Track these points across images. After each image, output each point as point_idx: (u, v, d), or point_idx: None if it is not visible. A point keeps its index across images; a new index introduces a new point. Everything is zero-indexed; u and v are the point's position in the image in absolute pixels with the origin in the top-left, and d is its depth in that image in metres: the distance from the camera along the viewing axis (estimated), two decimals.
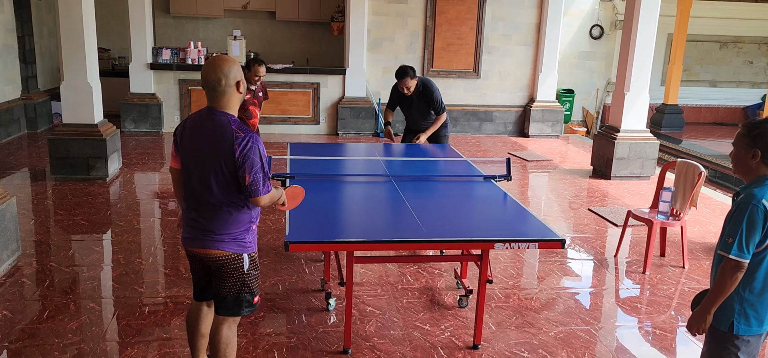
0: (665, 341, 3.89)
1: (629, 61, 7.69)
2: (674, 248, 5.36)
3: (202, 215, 2.75)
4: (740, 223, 2.31)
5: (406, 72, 5.63)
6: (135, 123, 9.76)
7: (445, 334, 3.79)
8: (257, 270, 2.90)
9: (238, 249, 2.77)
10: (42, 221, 5.62)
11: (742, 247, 2.30)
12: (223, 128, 2.63)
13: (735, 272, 2.34)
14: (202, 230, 2.75)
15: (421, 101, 5.74)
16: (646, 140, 7.87)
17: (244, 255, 2.79)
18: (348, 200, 4.17)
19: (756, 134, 2.34)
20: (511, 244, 3.23)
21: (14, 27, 9.23)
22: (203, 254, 2.80)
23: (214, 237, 2.73)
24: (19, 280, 4.34)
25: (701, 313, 2.46)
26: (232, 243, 2.75)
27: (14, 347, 3.47)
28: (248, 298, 2.85)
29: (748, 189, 2.37)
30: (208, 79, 2.65)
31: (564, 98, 11.78)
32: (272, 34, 12.15)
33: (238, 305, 2.84)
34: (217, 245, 2.74)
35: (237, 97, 2.70)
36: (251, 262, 2.83)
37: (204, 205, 2.73)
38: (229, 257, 2.76)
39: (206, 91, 2.68)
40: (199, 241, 2.77)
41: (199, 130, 2.72)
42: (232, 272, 2.78)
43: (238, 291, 2.81)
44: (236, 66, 2.70)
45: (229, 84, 2.65)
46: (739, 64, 13.80)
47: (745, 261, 2.32)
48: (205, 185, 2.69)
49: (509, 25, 10.61)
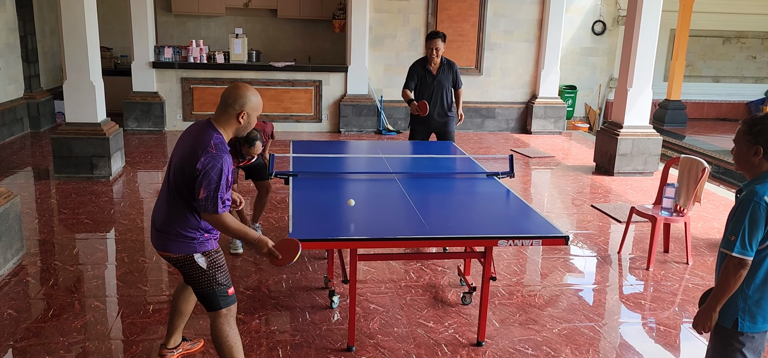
0: (669, 338, 3.89)
1: (632, 57, 7.67)
2: (678, 245, 5.35)
3: (158, 213, 2.89)
4: (743, 220, 2.30)
5: (438, 33, 5.70)
6: (137, 122, 9.77)
7: (448, 331, 3.79)
8: (221, 263, 2.92)
9: (188, 250, 2.83)
10: (46, 220, 5.63)
11: (745, 244, 2.30)
12: (203, 139, 2.72)
13: (738, 270, 2.33)
14: (157, 228, 2.89)
15: (446, 75, 5.76)
16: (649, 136, 7.86)
17: (196, 255, 2.84)
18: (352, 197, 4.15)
19: (757, 131, 2.33)
20: (514, 241, 3.22)
21: (16, 26, 9.23)
22: (161, 254, 2.94)
23: (167, 238, 2.83)
24: (24, 279, 4.35)
25: (706, 311, 2.46)
26: (182, 244, 2.82)
27: (19, 345, 3.48)
28: (221, 290, 2.89)
29: (751, 186, 2.35)
30: (223, 94, 2.82)
31: (566, 95, 11.76)
32: (274, 31, 12.15)
33: (215, 299, 2.90)
34: (169, 247, 2.84)
35: (234, 125, 2.81)
36: (208, 258, 2.87)
37: (162, 203, 2.88)
38: (182, 259, 2.85)
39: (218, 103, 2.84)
40: (154, 236, 2.92)
41: (187, 133, 2.88)
42: (192, 271, 2.86)
43: (208, 286, 2.88)
44: (248, 98, 2.79)
45: (233, 107, 2.77)
46: (742, 59, 13.76)
47: (748, 259, 2.32)
48: (167, 184, 2.85)
49: (511, 22, 10.58)
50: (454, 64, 5.88)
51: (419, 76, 5.78)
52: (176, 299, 3.28)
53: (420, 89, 5.81)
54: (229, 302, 2.92)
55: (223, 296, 2.90)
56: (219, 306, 2.90)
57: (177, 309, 3.28)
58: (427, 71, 5.75)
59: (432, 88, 5.77)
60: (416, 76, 5.78)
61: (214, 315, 2.92)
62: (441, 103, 5.82)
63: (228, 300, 2.92)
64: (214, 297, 2.88)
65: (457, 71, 5.87)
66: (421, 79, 5.77)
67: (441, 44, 5.67)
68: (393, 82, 10.39)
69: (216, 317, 2.92)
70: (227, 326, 2.93)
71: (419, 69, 5.78)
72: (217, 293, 2.88)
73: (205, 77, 9.87)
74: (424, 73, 5.75)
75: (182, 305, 3.27)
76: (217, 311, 2.91)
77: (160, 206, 2.88)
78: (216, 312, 2.91)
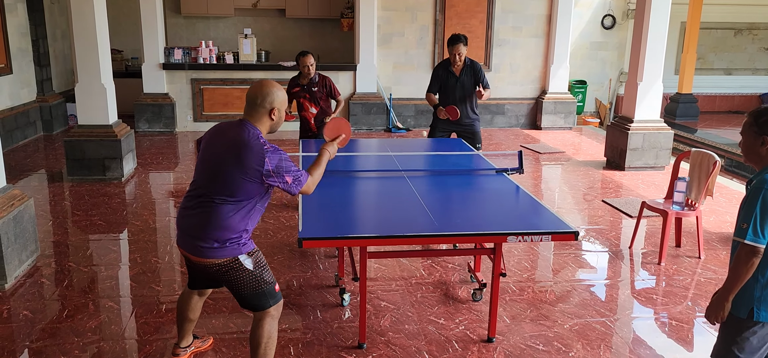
0: (682, 332, 3.87)
1: (642, 51, 7.63)
2: (690, 239, 5.32)
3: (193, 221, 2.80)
4: (754, 208, 2.31)
5: (460, 38, 5.63)
6: (148, 123, 9.84)
7: (459, 328, 3.79)
8: (264, 262, 2.92)
9: (233, 254, 2.80)
10: (60, 222, 5.70)
11: (758, 231, 2.30)
12: (250, 141, 2.73)
13: (751, 258, 2.33)
14: (194, 236, 2.79)
15: (469, 77, 5.68)
16: (660, 130, 7.81)
17: (242, 257, 2.82)
18: (361, 195, 4.18)
19: (763, 122, 2.36)
20: (524, 237, 3.22)
21: (28, 31, 9.34)
22: (200, 262, 2.85)
23: (209, 245, 2.76)
24: (39, 280, 4.41)
25: (719, 301, 2.45)
26: (227, 249, 2.78)
27: (35, 346, 3.53)
28: (269, 289, 2.88)
29: (760, 175, 2.37)
30: (249, 94, 2.84)
31: (576, 89, 11.70)
32: (282, 31, 12.19)
33: (263, 299, 2.88)
34: (212, 254, 2.77)
35: (267, 122, 2.85)
36: (253, 258, 2.86)
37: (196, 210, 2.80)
38: (227, 264, 2.80)
39: (245, 104, 2.86)
40: (190, 246, 2.83)
41: (220, 135, 2.85)
42: (238, 274, 2.81)
43: (257, 287, 2.85)
44: (275, 94, 2.83)
45: (263, 106, 2.81)
46: (754, 51, 13.61)
47: (760, 246, 2.31)
48: (204, 189, 2.79)
49: (519, 17, 10.55)
50: (477, 63, 5.76)
51: (442, 79, 5.74)
52: (183, 308, 3.23)
53: (444, 92, 5.76)
54: (277, 299, 2.92)
55: (272, 294, 2.89)
56: (268, 305, 2.89)
57: (185, 317, 3.25)
58: (449, 73, 5.70)
59: (455, 91, 5.72)
60: (440, 79, 5.76)
61: (262, 315, 2.89)
62: (466, 104, 5.73)
63: (276, 298, 2.91)
64: (263, 297, 2.87)
65: (481, 71, 5.72)
66: (444, 82, 5.73)
67: (463, 48, 5.61)
68: (402, 79, 10.40)
69: (263, 317, 2.89)
70: (272, 327, 2.92)
71: (442, 72, 5.74)
72: (266, 292, 2.86)
73: (214, 78, 9.93)
74: (447, 75, 5.70)
75: (190, 313, 3.24)
76: (265, 311, 2.89)
77: (195, 214, 2.80)
78: (264, 312, 2.89)
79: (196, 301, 3.24)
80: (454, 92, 5.71)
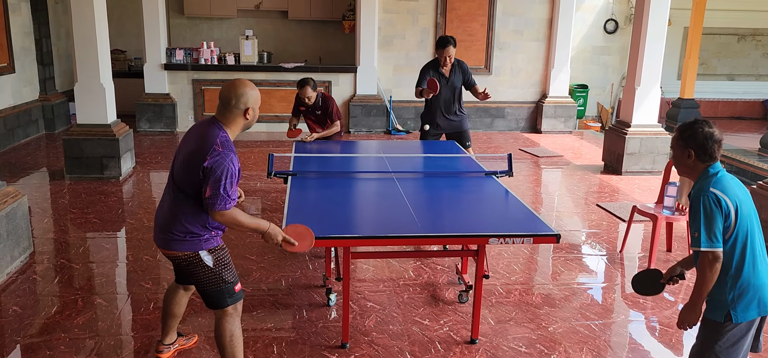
0: (669, 337, 3.87)
1: (640, 55, 7.62)
2: (681, 244, 5.31)
3: (162, 212, 2.89)
4: (699, 216, 2.43)
5: (450, 40, 5.73)
6: (150, 123, 9.91)
7: (443, 329, 3.81)
8: (227, 260, 2.95)
9: (193, 248, 2.84)
10: (56, 220, 5.75)
11: (710, 236, 2.41)
12: (208, 137, 2.74)
13: (713, 264, 2.43)
14: (162, 227, 2.87)
15: (458, 76, 5.84)
16: (658, 135, 7.79)
17: (202, 252, 2.85)
18: (348, 196, 4.20)
19: (687, 136, 2.53)
20: (505, 239, 3.24)
21: (31, 30, 9.43)
22: (166, 254, 2.93)
23: (172, 237, 2.83)
24: (31, 277, 4.46)
25: (691, 307, 2.57)
26: (187, 243, 2.82)
27: (25, 342, 3.57)
28: (228, 288, 2.91)
29: (696, 185, 2.51)
30: (223, 95, 2.81)
31: (578, 94, 11.69)
32: (284, 33, 12.24)
33: (221, 297, 2.91)
34: (175, 246, 2.84)
35: (241, 121, 2.83)
36: (214, 256, 2.88)
37: (166, 202, 2.89)
38: (187, 258, 2.85)
39: (219, 104, 2.84)
40: (160, 239, 2.90)
41: (191, 132, 2.89)
42: (198, 269, 2.86)
43: (214, 285, 2.89)
44: (249, 94, 2.81)
45: (238, 107, 2.79)
46: (757, 57, 13.55)
47: (718, 250, 2.42)
48: (173, 181, 2.86)
49: (520, 21, 10.55)
50: (464, 62, 5.95)
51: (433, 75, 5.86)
52: (168, 303, 3.29)
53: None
54: (236, 298, 2.94)
55: (230, 293, 2.91)
56: (225, 304, 2.91)
57: (170, 312, 3.31)
58: (439, 74, 5.83)
59: (445, 91, 5.84)
60: (429, 77, 5.84)
61: (220, 313, 2.93)
62: (455, 103, 5.91)
63: (235, 297, 2.94)
64: (221, 295, 2.90)
65: (467, 70, 5.93)
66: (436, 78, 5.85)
67: (453, 51, 5.76)
68: (402, 82, 10.41)
69: (222, 316, 2.93)
70: (232, 325, 2.94)
71: (432, 72, 5.84)
72: (223, 291, 2.89)
73: (216, 79, 9.98)
74: (437, 76, 5.82)
75: (174, 308, 3.30)
76: (223, 309, 2.92)
77: (165, 206, 2.89)
78: (222, 310, 2.92)
79: (181, 295, 3.29)
80: (443, 91, 5.84)
